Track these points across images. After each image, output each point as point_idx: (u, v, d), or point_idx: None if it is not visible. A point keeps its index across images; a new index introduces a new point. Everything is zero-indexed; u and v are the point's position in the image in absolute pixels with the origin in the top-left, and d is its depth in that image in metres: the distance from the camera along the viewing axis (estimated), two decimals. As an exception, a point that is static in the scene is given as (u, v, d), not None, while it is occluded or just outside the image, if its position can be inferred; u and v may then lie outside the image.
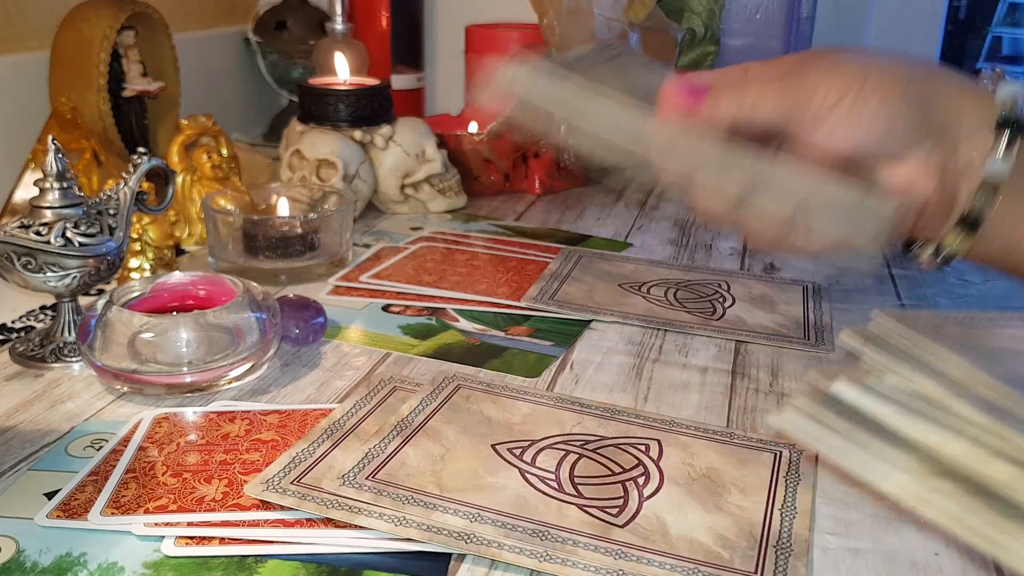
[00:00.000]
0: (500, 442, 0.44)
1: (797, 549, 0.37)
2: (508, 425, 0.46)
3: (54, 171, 0.52)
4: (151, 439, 0.45)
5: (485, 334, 0.59)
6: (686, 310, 0.63)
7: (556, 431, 0.46)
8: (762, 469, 0.43)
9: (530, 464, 0.43)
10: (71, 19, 0.81)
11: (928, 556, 0.38)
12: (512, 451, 0.44)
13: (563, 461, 0.43)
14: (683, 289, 0.67)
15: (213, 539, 0.38)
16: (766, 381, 0.53)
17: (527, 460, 0.43)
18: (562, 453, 0.44)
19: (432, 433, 0.45)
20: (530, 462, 0.43)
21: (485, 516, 0.38)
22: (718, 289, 0.67)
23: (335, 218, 0.69)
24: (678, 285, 0.67)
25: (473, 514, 0.38)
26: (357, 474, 0.41)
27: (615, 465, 0.43)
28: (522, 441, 0.45)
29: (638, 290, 0.66)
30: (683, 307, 0.63)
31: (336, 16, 1.02)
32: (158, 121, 0.92)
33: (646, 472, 0.42)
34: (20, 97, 0.81)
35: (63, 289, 0.52)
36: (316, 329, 0.56)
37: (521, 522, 0.38)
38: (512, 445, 0.44)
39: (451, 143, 0.88)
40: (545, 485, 0.41)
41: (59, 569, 0.36)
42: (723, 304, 0.64)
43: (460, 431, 0.45)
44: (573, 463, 0.43)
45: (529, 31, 1.03)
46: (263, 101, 1.20)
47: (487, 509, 0.39)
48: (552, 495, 0.40)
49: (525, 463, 0.43)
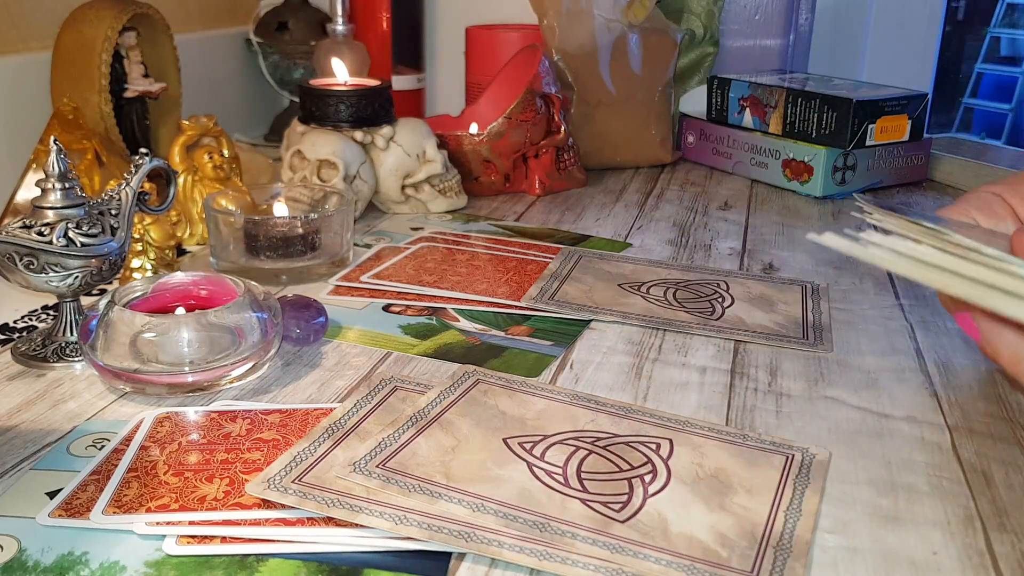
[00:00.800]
0: (512, 436, 0.45)
1: (797, 550, 0.37)
2: (522, 420, 0.46)
3: (56, 171, 0.52)
4: (153, 438, 0.45)
5: (485, 334, 0.59)
6: (685, 310, 0.63)
7: (569, 427, 0.46)
8: (771, 471, 0.43)
9: (539, 458, 0.43)
10: (73, 20, 0.81)
11: (927, 555, 0.38)
12: (523, 445, 0.44)
13: (572, 457, 0.43)
14: (682, 289, 0.67)
15: (214, 538, 0.38)
16: (765, 381, 0.53)
17: (536, 454, 0.43)
18: (572, 449, 0.44)
19: (446, 425, 0.45)
20: (539, 456, 0.43)
21: (488, 507, 0.39)
22: (717, 289, 0.67)
23: (336, 218, 0.69)
24: (677, 285, 0.68)
25: (476, 504, 0.39)
26: (368, 461, 0.41)
27: (624, 462, 0.43)
28: (534, 436, 0.45)
29: (637, 290, 0.66)
30: (682, 307, 0.63)
31: (337, 17, 1.02)
32: (159, 122, 0.92)
33: (654, 470, 0.43)
34: (22, 98, 0.81)
35: (65, 289, 0.53)
36: (317, 329, 0.56)
37: (522, 513, 0.38)
38: (523, 439, 0.45)
39: (451, 144, 0.88)
40: (551, 479, 0.41)
41: (61, 568, 0.36)
42: (722, 304, 0.64)
43: (474, 424, 0.45)
44: (582, 459, 0.43)
45: (529, 32, 1.04)
46: (264, 102, 1.20)
47: (490, 500, 0.39)
48: (557, 489, 0.40)
49: (534, 457, 0.43)
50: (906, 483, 0.43)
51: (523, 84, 0.90)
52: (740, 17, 1.14)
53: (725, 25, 1.13)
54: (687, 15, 1.10)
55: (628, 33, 1.02)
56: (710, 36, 1.11)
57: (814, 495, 0.41)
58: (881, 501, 0.41)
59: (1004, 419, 0.49)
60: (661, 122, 1.05)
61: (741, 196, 0.95)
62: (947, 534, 0.39)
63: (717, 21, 1.11)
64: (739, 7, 1.14)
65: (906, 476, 0.44)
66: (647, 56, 1.03)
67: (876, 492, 0.42)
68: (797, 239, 0.80)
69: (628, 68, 1.02)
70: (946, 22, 1.31)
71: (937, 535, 0.39)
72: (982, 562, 0.38)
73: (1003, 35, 3.04)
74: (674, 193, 0.96)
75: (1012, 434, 0.48)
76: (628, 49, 1.02)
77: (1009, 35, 3.05)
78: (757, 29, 1.15)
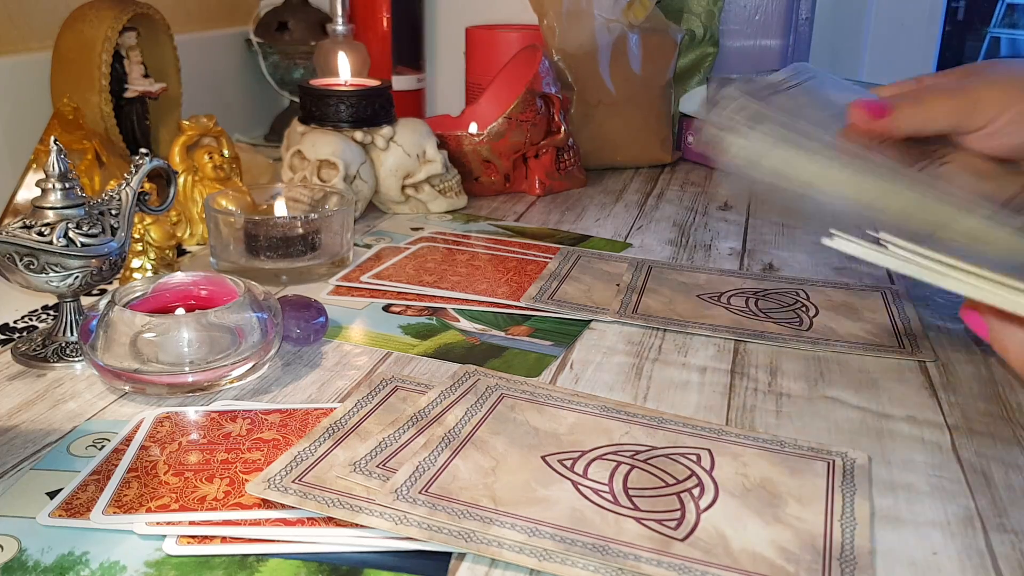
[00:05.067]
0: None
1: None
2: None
3: (56, 172, 0.52)
4: (153, 438, 0.45)
5: (485, 334, 0.59)
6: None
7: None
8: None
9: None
10: (73, 20, 0.81)
11: (927, 555, 0.38)
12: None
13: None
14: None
15: (215, 538, 0.38)
16: (765, 381, 0.53)
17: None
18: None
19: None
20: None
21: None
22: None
23: (336, 218, 0.69)
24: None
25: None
26: (368, 461, 0.41)
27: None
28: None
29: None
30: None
31: (337, 17, 1.02)
32: (160, 122, 0.92)
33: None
34: (22, 98, 0.81)
35: (65, 289, 0.53)
36: (317, 329, 0.56)
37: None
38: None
39: (451, 144, 0.88)
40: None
41: (61, 568, 0.36)
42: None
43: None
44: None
45: (529, 32, 1.04)
46: (264, 102, 1.20)
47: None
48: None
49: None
50: (906, 483, 0.43)
51: (523, 84, 0.90)
52: (740, 17, 1.14)
53: (725, 25, 1.13)
54: (687, 15, 1.10)
55: (628, 33, 1.02)
56: (710, 36, 1.11)
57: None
58: (881, 501, 0.41)
59: (1004, 419, 0.49)
60: (661, 122, 1.05)
61: (741, 196, 0.95)
62: (947, 534, 0.39)
63: (717, 21, 1.11)
64: (739, 7, 1.14)
65: (906, 476, 0.44)
66: (647, 56, 1.03)
67: (876, 492, 0.42)
68: (797, 239, 0.80)
69: (628, 68, 1.02)
70: (946, 22, 1.31)
71: (937, 535, 0.39)
72: (982, 562, 0.38)
73: (1003, 35, 3.04)
74: (674, 193, 0.96)
75: (1012, 434, 0.48)
76: (628, 49, 1.02)
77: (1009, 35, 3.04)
78: (757, 29, 1.15)
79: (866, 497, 0.41)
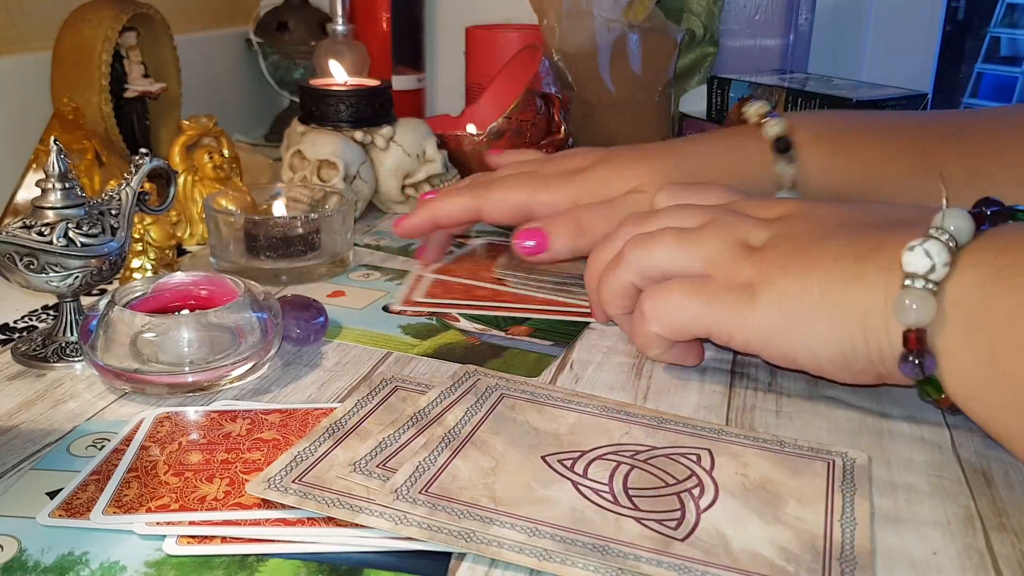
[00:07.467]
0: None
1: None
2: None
3: (56, 172, 0.52)
4: (153, 438, 0.45)
5: (485, 334, 0.59)
6: None
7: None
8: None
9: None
10: (73, 20, 0.81)
11: (927, 555, 0.38)
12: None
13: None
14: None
15: (215, 538, 0.38)
16: (765, 380, 0.53)
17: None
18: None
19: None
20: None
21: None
22: None
23: (336, 218, 0.69)
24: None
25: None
26: (369, 461, 0.41)
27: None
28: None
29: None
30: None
31: (337, 17, 1.02)
32: (160, 122, 0.92)
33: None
34: (22, 98, 0.81)
35: (65, 289, 0.53)
36: (317, 329, 0.56)
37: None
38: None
39: (451, 144, 0.88)
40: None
41: (61, 568, 0.36)
42: None
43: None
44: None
45: (529, 32, 1.04)
46: (264, 102, 1.20)
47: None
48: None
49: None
50: (906, 483, 0.43)
51: (523, 84, 0.90)
52: (740, 17, 1.14)
53: (725, 25, 1.13)
54: (687, 15, 1.10)
55: (628, 33, 1.02)
56: (710, 36, 1.11)
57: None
58: (881, 501, 0.41)
59: (1004, 419, 0.49)
60: (661, 122, 1.05)
61: (741, 196, 0.95)
62: (947, 534, 0.39)
63: (717, 21, 1.11)
64: (739, 7, 1.14)
65: (906, 476, 0.44)
66: (647, 56, 1.03)
67: (876, 492, 0.42)
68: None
69: (628, 68, 1.02)
70: (946, 22, 1.31)
71: (937, 535, 0.39)
72: (982, 562, 0.38)
73: (1003, 35, 3.04)
74: (674, 193, 0.95)
75: (1012, 434, 0.48)
76: (628, 49, 1.02)
77: (1009, 35, 3.04)
78: (757, 29, 1.15)
79: (866, 497, 0.41)
